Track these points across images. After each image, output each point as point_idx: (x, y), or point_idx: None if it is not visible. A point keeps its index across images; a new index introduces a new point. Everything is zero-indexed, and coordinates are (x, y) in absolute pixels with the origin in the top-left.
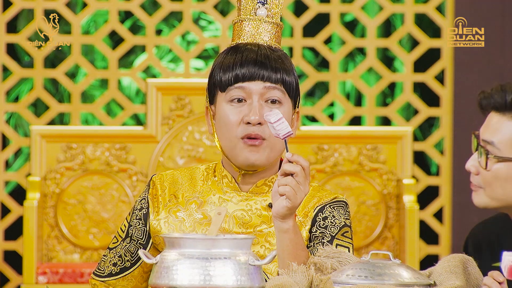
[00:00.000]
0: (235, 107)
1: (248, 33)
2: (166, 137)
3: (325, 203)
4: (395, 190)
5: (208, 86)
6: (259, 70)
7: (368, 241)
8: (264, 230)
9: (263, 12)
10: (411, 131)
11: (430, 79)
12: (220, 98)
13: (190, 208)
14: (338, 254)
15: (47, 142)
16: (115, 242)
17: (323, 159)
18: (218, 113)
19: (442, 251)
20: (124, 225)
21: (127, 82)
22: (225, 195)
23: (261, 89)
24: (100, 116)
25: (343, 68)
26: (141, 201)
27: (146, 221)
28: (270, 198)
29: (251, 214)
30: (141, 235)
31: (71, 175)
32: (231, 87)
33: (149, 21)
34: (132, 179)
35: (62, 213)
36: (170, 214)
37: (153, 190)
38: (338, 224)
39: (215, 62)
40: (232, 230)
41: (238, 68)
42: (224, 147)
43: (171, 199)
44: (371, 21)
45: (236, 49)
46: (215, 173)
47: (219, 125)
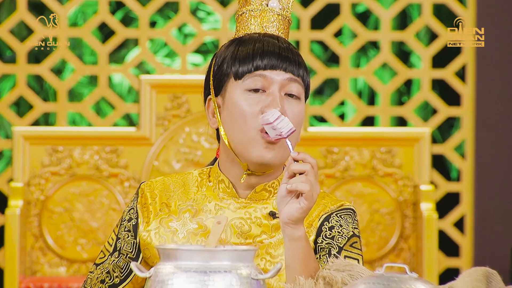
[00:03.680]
0: (253, 97)
1: (257, 26)
2: (161, 139)
3: (331, 211)
4: (411, 197)
5: (213, 77)
6: (282, 60)
7: (382, 253)
8: (264, 241)
9: (275, 4)
10: (429, 133)
11: (450, 75)
12: (233, 86)
13: (183, 217)
14: (350, 267)
15: (31, 145)
16: (102, 257)
17: (332, 163)
18: (230, 103)
19: (463, 264)
20: (112, 238)
21: (118, 79)
22: (221, 202)
23: (283, 79)
24: (88, 116)
25: (355, 63)
26: (129, 211)
27: (136, 233)
28: (271, 205)
29: (250, 223)
30: (130, 248)
31: (57, 181)
32: (250, 74)
33: (143, 12)
34: (124, 185)
35: (47, 222)
36: (161, 224)
37: (142, 199)
38: (346, 234)
39: (219, 54)
40: (230, 240)
41: (259, 58)
42: (235, 142)
43: (162, 208)
44: (386, 12)
45: (252, 39)
46: (210, 178)
47: (230, 116)
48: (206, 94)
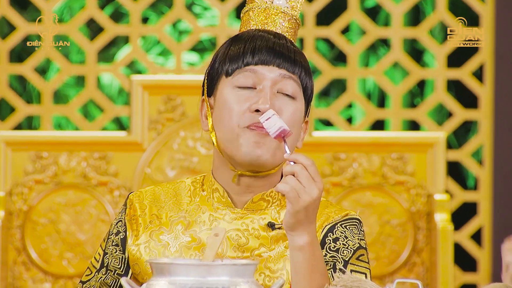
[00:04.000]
0: (242, 93)
1: (258, 23)
2: (154, 144)
3: (336, 222)
4: (425, 207)
5: (206, 77)
6: (276, 55)
7: (393, 268)
8: (263, 254)
9: (281, 1)
10: (444, 138)
11: (467, 75)
12: (223, 83)
13: (175, 229)
14: (358, 282)
15: (13, 151)
16: (89, 274)
17: (339, 170)
18: (219, 101)
19: (480, 279)
20: (99, 254)
21: (108, 80)
22: (216, 213)
23: (275, 76)
24: (75, 120)
25: (363, 62)
26: (117, 224)
27: (124, 247)
28: (269, 215)
29: (247, 235)
30: (118, 264)
31: (41, 190)
32: (240, 69)
33: (134, 7)
34: (114, 194)
35: (31, 235)
36: (151, 237)
37: (131, 211)
38: (351, 246)
39: (215, 53)
40: (226, 253)
41: (250, 54)
42: (223, 141)
43: (152, 220)
44: (397, 6)
45: (245, 37)
46: (204, 187)
47: (218, 114)
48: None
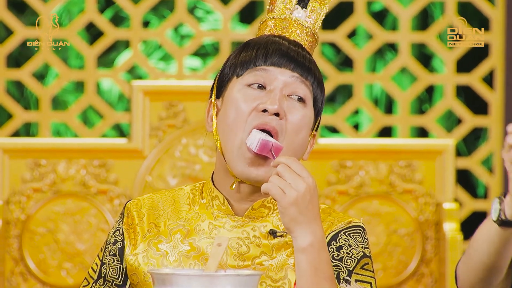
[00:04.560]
0: (250, 92)
1: (275, 32)
2: (155, 151)
3: (339, 230)
4: (433, 216)
5: (216, 81)
6: (289, 59)
7: (401, 279)
8: (264, 263)
9: (300, 14)
10: (453, 145)
11: (476, 81)
12: (233, 84)
13: (174, 238)
14: None
15: (10, 158)
16: (86, 285)
17: (345, 178)
18: (226, 101)
19: None
20: (96, 264)
21: (108, 85)
22: (216, 221)
23: (287, 78)
24: (74, 127)
25: (370, 67)
26: (114, 233)
27: (122, 257)
28: (271, 223)
29: (248, 243)
30: (116, 274)
31: (39, 198)
32: (251, 69)
33: (134, 10)
34: (114, 203)
35: (29, 244)
36: (149, 246)
37: (128, 219)
38: (355, 255)
39: (227, 59)
40: (227, 262)
41: (262, 56)
42: (226, 148)
43: (150, 229)
44: (405, 10)
45: (258, 42)
46: (203, 195)
47: (224, 114)
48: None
